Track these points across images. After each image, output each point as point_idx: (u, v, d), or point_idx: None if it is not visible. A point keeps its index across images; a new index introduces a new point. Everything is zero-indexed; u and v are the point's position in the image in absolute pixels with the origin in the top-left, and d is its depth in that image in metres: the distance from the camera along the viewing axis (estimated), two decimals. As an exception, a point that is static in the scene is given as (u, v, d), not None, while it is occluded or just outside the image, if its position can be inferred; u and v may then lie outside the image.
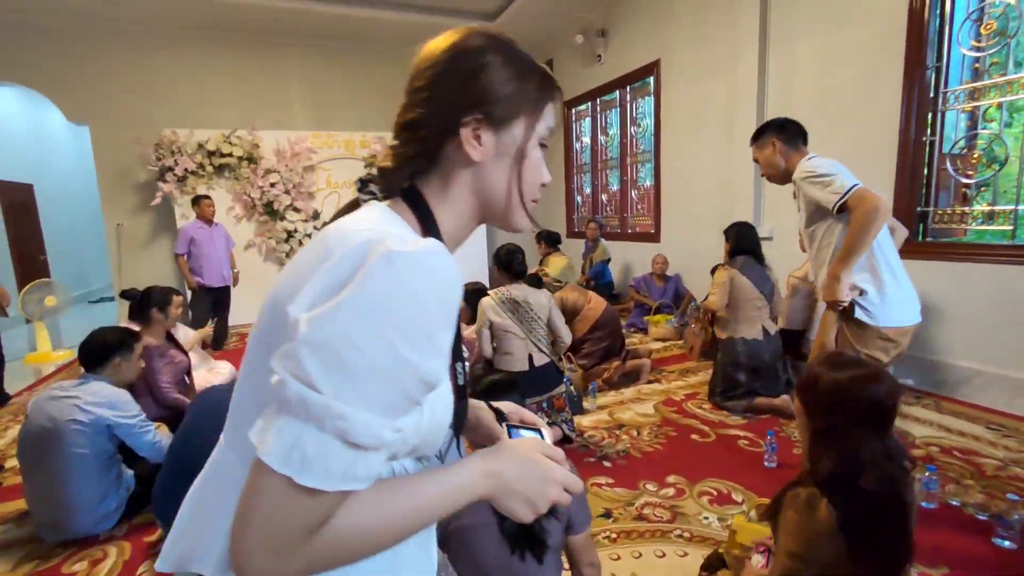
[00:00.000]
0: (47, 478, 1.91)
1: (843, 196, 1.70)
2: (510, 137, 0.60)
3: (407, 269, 0.46)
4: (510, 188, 0.61)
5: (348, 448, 0.44)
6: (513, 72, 0.60)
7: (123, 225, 5.93)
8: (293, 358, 0.43)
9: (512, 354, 2.57)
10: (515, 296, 2.59)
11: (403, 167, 0.60)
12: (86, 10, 5.33)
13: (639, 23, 5.38)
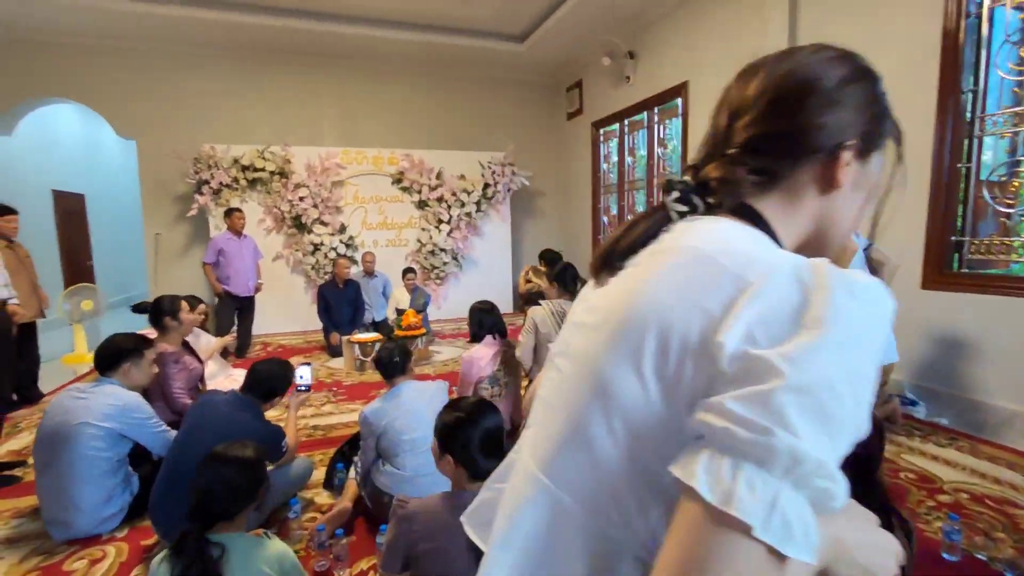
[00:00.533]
0: (57, 477, 2.00)
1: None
2: (868, 168, 0.57)
3: (868, 299, 0.41)
4: (849, 220, 0.58)
5: (814, 513, 0.38)
6: (884, 103, 0.58)
7: (161, 234, 6.25)
8: (769, 403, 0.37)
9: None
10: (566, 310, 2.62)
11: (745, 182, 0.54)
12: (139, 34, 5.75)
13: (668, 45, 5.41)
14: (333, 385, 4.18)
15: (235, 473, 1.33)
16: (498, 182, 6.95)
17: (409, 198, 6.79)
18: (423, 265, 6.83)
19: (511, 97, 7.72)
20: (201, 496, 1.27)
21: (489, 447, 1.26)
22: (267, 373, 2.11)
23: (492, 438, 1.27)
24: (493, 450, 1.27)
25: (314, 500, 2.33)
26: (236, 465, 1.35)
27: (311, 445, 2.97)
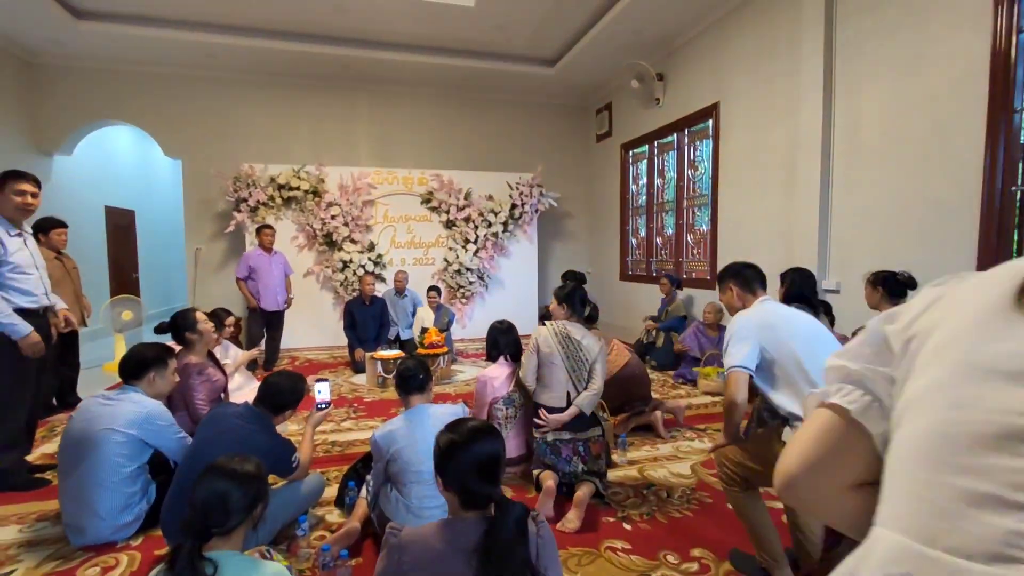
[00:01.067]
0: (79, 482, 2.05)
1: (727, 367, 1.84)
2: None
3: None
4: None
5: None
6: None
7: (201, 249, 6.52)
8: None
9: (551, 389, 2.55)
10: (570, 332, 2.57)
11: None
12: (189, 61, 6.11)
13: (699, 67, 5.37)
14: (354, 401, 4.19)
15: (232, 487, 1.30)
16: (525, 203, 6.98)
17: (437, 218, 6.88)
18: (449, 284, 6.87)
19: (541, 119, 7.80)
20: (197, 509, 1.25)
21: (483, 474, 1.19)
22: (278, 386, 2.12)
23: (486, 465, 1.19)
24: (487, 477, 1.20)
25: (325, 518, 2.31)
26: (234, 479, 1.31)
27: (328, 461, 2.97)
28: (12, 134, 5.61)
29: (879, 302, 2.76)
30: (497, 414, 2.72)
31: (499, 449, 1.24)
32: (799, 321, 1.86)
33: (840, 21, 3.75)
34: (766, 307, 1.90)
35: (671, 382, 4.70)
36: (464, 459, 1.19)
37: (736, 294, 2.01)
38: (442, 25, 5.48)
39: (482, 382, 2.74)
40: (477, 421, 1.29)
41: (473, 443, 1.21)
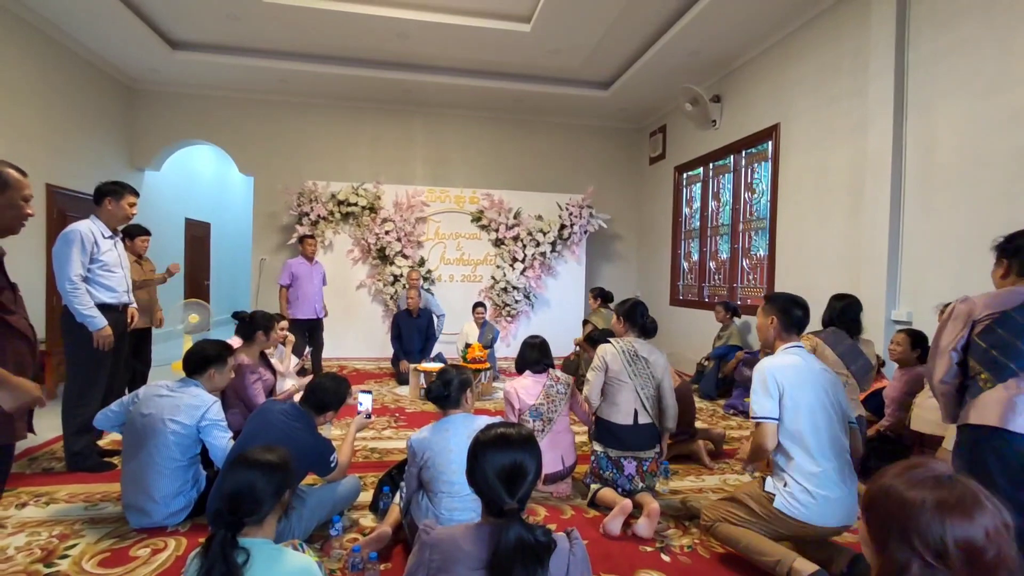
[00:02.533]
0: (139, 466, 2.20)
1: (752, 416, 1.90)
2: None
3: None
4: None
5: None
6: None
7: (265, 260, 6.94)
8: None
9: (619, 406, 2.55)
10: (637, 349, 2.58)
11: None
12: (264, 87, 6.63)
13: (757, 88, 5.24)
14: (397, 411, 4.27)
15: (258, 476, 1.33)
16: (575, 223, 6.98)
17: (486, 236, 7.00)
18: (495, 302, 6.93)
19: (593, 141, 7.83)
20: (226, 499, 1.29)
21: (502, 481, 1.16)
22: (323, 386, 2.20)
23: (508, 473, 1.16)
24: (506, 485, 1.16)
25: (359, 521, 2.34)
26: (259, 468, 1.35)
27: (365, 467, 3.03)
28: (112, 151, 6.25)
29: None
30: (525, 424, 2.69)
31: (525, 461, 1.18)
32: (814, 387, 1.88)
33: (913, 39, 3.57)
34: (790, 361, 1.92)
35: (720, 412, 4.48)
36: (486, 462, 1.18)
37: (774, 326, 2.01)
38: (498, 50, 5.66)
39: (508, 391, 2.76)
40: (516, 429, 1.25)
41: (498, 448, 1.19)
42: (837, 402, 1.87)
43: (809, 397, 1.82)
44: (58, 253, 2.59)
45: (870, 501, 0.85)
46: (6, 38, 4.59)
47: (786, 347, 1.97)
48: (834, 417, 1.83)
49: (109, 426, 2.34)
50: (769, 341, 2.01)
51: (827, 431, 1.82)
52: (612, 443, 2.58)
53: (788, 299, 2.03)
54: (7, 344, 1.47)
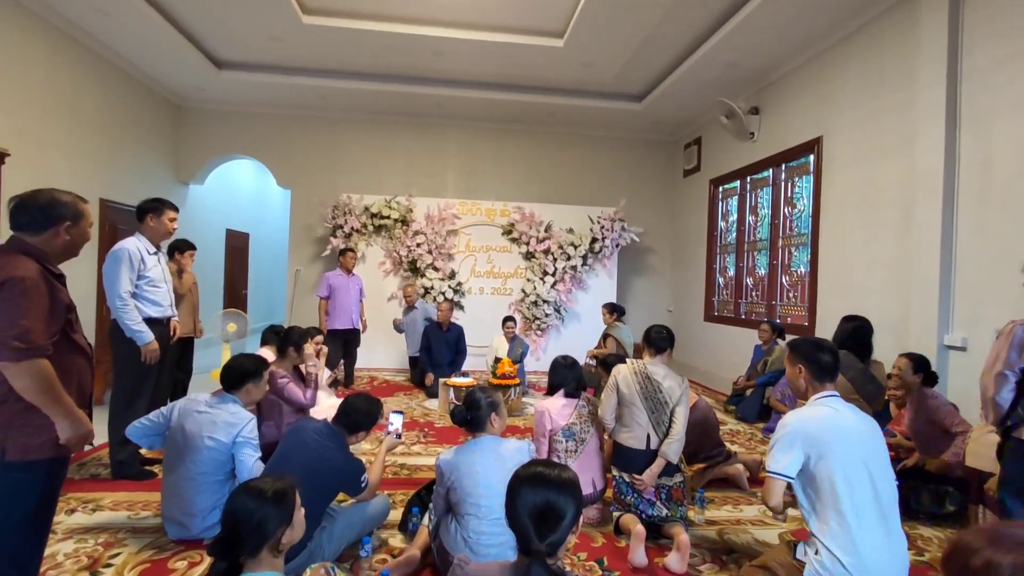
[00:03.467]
0: (177, 480, 2.27)
1: (765, 468, 1.78)
2: None
3: None
4: None
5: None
6: None
7: (300, 270, 7.14)
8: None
9: (630, 429, 2.55)
10: (651, 372, 2.56)
11: None
12: (303, 103, 6.88)
13: (798, 100, 5.11)
14: (426, 425, 4.30)
15: (257, 505, 1.26)
16: (606, 236, 6.92)
17: (517, 249, 7.01)
18: (525, 315, 6.92)
19: (625, 154, 7.78)
20: (225, 528, 1.25)
21: (534, 520, 1.13)
22: (356, 407, 2.23)
23: (540, 512, 1.13)
24: (537, 526, 1.13)
25: (388, 541, 2.36)
26: (260, 497, 1.28)
27: (395, 484, 3.05)
28: (160, 167, 6.58)
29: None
30: (557, 447, 2.66)
31: (559, 503, 1.15)
32: (848, 441, 1.69)
33: (967, 48, 3.41)
34: (823, 412, 1.75)
35: (759, 435, 4.33)
36: (520, 498, 1.16)
37: (804, 376, 1.88)
38: (531, 65, 5.71)
39: (540, 411, 2.73)
40: (558, 470, 1.22)
41: (533, 486, 1.17)
42: (877, 454, 1.71)
43: (842, 452, 1.66)
44: (108, 271, 2.73)
45: (951, 556, 0.85)
46: (73, 65, 4.90)
47: (819, 397, 1.83)
48: (874, 472, 1.66)
49: (139, 437, 2.39)
50: (801, 391, 1.89)
51: (865, 488, 1.65)
52: (627, 468, 2.56)
53: (812, 345, 1.89)
54: (72, 361, 1.56)
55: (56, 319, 1.46)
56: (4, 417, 1.40)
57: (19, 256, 1.45)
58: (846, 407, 1.78)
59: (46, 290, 1.43)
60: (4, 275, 1.37)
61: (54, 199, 1.56)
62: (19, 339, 1.35)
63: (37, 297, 1.40)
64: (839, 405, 1.77)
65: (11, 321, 1.35)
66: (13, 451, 1.41)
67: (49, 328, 1.43)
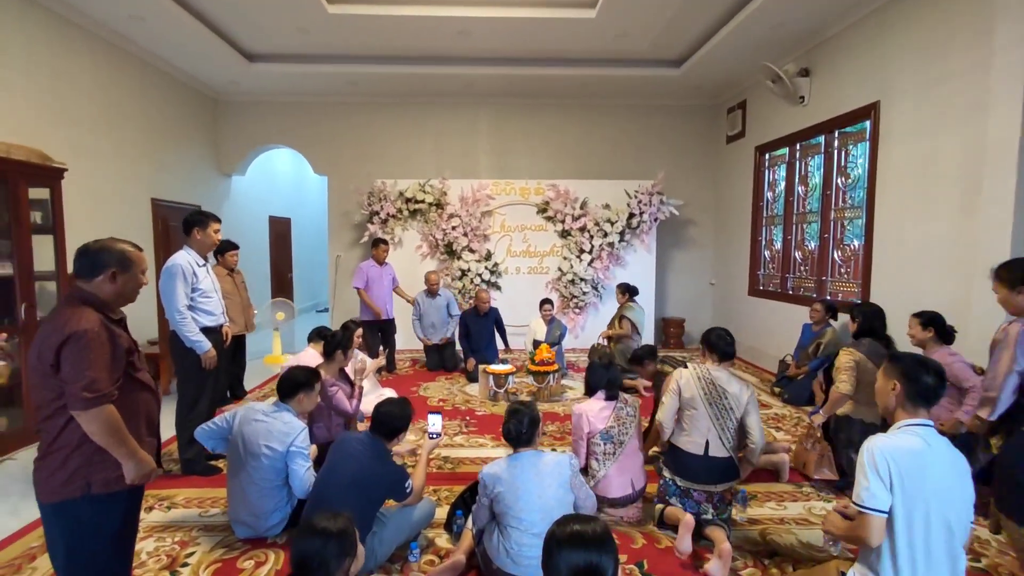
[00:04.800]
0: (240, 485, 2.46)
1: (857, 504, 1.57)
2: None
3: None
4: None
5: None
6: None
7: (341, 256, 7.34)
8: None
9: (690, 434, 2.53)
10: (715, 378, 2.52)
11: None
12: (334, 90, 6.89)
13: (853, 61, 4.71)
14: (467, 413, 4.43)
15: (322, 543, 1.42)
16: (644, 211, 6.74)
17: (552, 227, 6.94)
18: (562, 294, 6.91)
19: (663, 122, 7.45)
20: (294, 565, 1.41)
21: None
22: (390, 415, 2.33)
23: (583, 574, 1.14)
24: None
25: (435, 541, 2.49)
26: (325, 537, 1.43)
27: (439, 479, 3.19)
28: (203, 160, 6.81)
29: None
30: (595, 449, 2.70)
31: (601, 562, 1.15)
32: (937, 478, 1.52)
33: (1054, 0, 3.03)
34: (914, 445, 1.55)
35: (806, 420, 4.24)
36: (561, 559, 1.17)
37: (897, 394, 1.64)
38: (561, 39, 5.48)
39: (577, 414, 2.76)
40: (592, 525, 1.22)
41: (573, 547, 1.17)
42: (964, 497, 1.55)
43: (927, 493, 1.51)
44: (164, 288, 2.90)
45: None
46: (116, 71, 5.07)
47: (908, 423, 1.61)
48: (954, 517, 1.52)
49: (205, 439, 2.59)
50: (889, 409, 1.67)
51: (940, 533, 1.51)
52: (681, 472, 2.55)
53: (917, 363, 1.64)
54: (138, 398, 1.69)
55: (118, 365, 1.57)
56: (86, 456, 1.54)
57: (80, 308, 1.55)
58: (939, 441, 1.59)
59: (107, 338, 1.53)
60: (69, 330, 1.48)
61: (103, 247, 1.64)
62: (87, 389, 1.46)
63: (99, 348, 1.50)
64: (933, 439, 1.58)
65: (79, 373, 1.46)
66: (97, 484, 1.56)
67: (112, 375, 1.54)
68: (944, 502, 1.51)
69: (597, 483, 2.64)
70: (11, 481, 3.10)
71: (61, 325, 1.50)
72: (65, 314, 1.53)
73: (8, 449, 3.47)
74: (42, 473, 1.56)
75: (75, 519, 1.56)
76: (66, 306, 1.57)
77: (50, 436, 1.55)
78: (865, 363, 2.89)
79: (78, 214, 4.38)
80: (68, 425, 1.52)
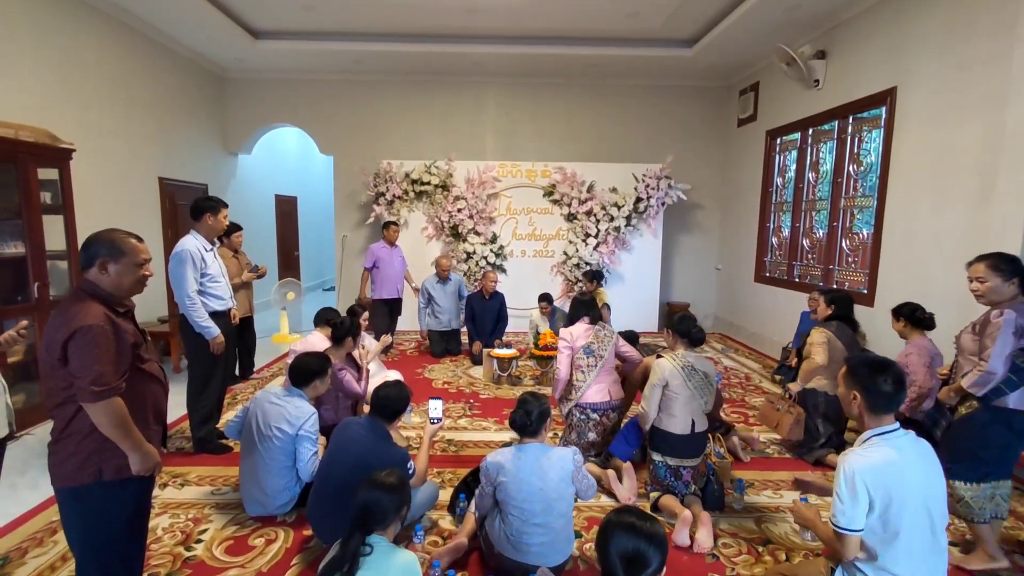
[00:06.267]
0: (252, 464, 2.54)
1: (834, 524, 1.60)
2: None
3: None
4: None
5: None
6: None
7: (347, 236, 7.36)
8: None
9: (676, 417, 2.72)
10: (693, 364, 2.75)
11: None
12: (340, 68, 6.82)
13: (871, 43, 4.60)
14: (471, 396, 4.51)
15: (384, 495, 1.68)
16: (651, 196, 6.69)
17: (559, 211, 6.92)
18: (567, 277, 6.93)
19: (673, 103, 7.33)
20: (360, 511, 1.66)
21: (624, 564, 1.25)
22: (388, 398, 2.40)
23: (630, 557, 1.25)
24: (628, 570, 1.25)
25: (438, 523, 2.58)
26: (385, 489, 1.70)
27: (443, 461, 3.27)
28: (209, 139, 6.80)
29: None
30: (580, 363, 3.08)
31: (649, 553, 1.25)
32: (915, 485, 1.55)
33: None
34: (888, 457, 1.55)
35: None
36: (613, 542, 1.28)
37: (859, 404, 1.65)
38: (573, 17, 5.38)
39: (564, 335, 3.19)
40: (649, 522, 1.31)
41: (627, 533, 1.28)
42: (940, 494, 1.60)
43: (907, 500, 1.54)
44: (174, 273, 2.95)
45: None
46: (123, 48, 5.04)
47: (880, 433, 1.61)
48: (934, 512, 1.57)
49: (234, 433, 2.68)
50: (854, 416, 1.68)
51: (924, 530, 1.57)
52: (669, 452, 2.73)
53: (871, 368, 1.62)
54: (145, 389, 1.73)
55: (124, 358, 1.60)
56: (97, 443, 1.59)
57: (86, 302, 1.57)
58: (910, 444, 1.61)
59: (111, 332, 1.56)
60: (74, 325, 1.51)
61: (96, 237, 1.64)
62: (94, 383, 1.50)
63: (104, 342, 1.53)
64: (902, 443, 1.60)
65: (87, 367, 1.50)
66: (109, 471, 1.61)
67: (119, 368, 1.57)
68: (924, 502, 1.56)
69: (582, 394, 3.06)
70: (31, 455, 3.21)
71: (67, 320, 1.52)
72: (72, 309, 1.55)
73: (26, 424, 3.58)
74: (56, 458, 1.61)
75: (88, 504, 1.61)
76: (73, 300, 1.59)
77: (62, 423, 1.59)
78: (835, 341, 3.22)
79: (87, 194, 4.43)
80: (79, 413, 1.56)
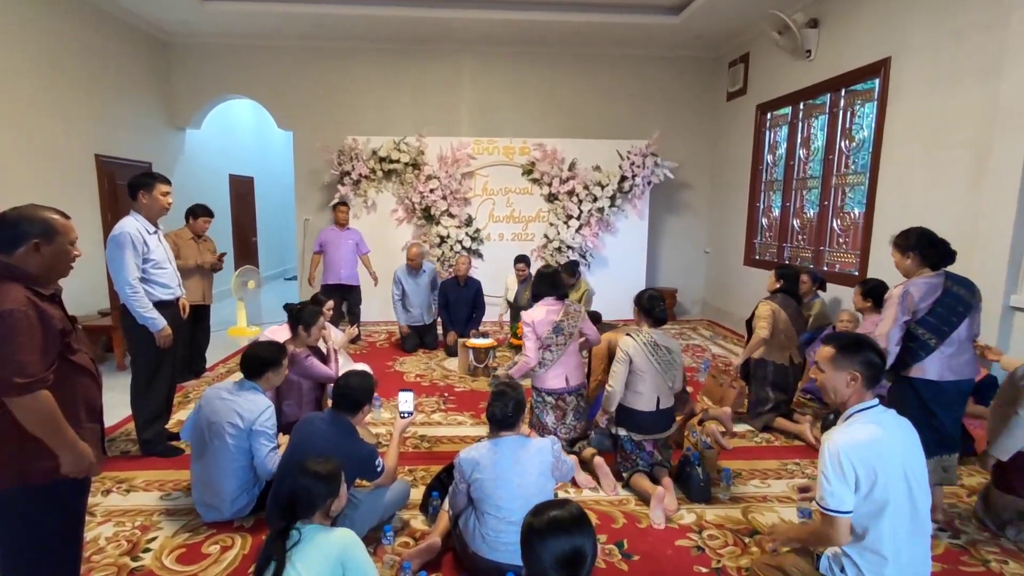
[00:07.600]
0: (206, 467, 2.48)
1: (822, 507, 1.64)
2: None
3: None
4: None
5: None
6: None
7: (309, 220, 7.21)
8: None
9: (642, 394, 2.88)
10: (657, 340, 2.89)
11: None
12: (299, 33, 6.61)
13: (864, 14, 4.64)
14: (445, 389, 4.48)
15: (313, 483, 1.68)
16: (637, 174, 6.70)
17: (538, 191, 6.88)
18: (548, 262, 6.91)
19: (659, 75, 7.32)
20: (285, 500, 1.66)
21: (563, 567, 1.20)
22: (351, 388, 2.37)
23: (568, 559, 1.19)
24: (569, 573, 1.19)
25: (410, 523, 2.56)
26: (314, 476, 1.69)
27: (415, 458, 3.25)
28: (153, 113, 6.54)
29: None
30: (549, 342, 3.15)
31: (584, 545, 1.22)
32: (898, 459, 1.62)
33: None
34: (874, 434, 1.62)
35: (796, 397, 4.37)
36: (544, 550, 1.21)
37: (858, 387, 1.69)
38: (550, -21, 5.29)
39: (527, 322, 3.19)
40: (568, 509, 1.28)
41: (554, 534, 1.22)
42: (919, 468, 1.66)
43: (890, 476, 1.60)
44: (112, 258, 2.82)
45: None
46: (49, 9, 4.78)
47: (858, 409, 1.68)
48: (915, 488, 1.64)
49: (190, 434, 2.61)
50: (843, 398, 1.70)
51: (905, 508, 1.62)
52: (635, 428, 2.92)
53: (861, 345, 1.71)
54: (76, 383, 1.65)
55: (51, 346, 1.51)
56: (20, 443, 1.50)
57: (4, 284, 1.48)
58: (888, 417, 1.68)
59: (36, 317, 1.47)
60: None
61: (22, 215, 1.55)
62: (17, 374, 1.41)
63: (27, 328, 1.44)
64: (883, 418, 1.67)
65: (7, 357, 1.41)
66: (36, 474, 1.54)
67: (45, 358, 1.48)
68: (904, 477, 1.62)
69: (540, 377, 3.19)
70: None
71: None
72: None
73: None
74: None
75: (11, 512, 1.54)
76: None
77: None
78: (779, 313, 3.56)
79: (14, 172, 4.22)
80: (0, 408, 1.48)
